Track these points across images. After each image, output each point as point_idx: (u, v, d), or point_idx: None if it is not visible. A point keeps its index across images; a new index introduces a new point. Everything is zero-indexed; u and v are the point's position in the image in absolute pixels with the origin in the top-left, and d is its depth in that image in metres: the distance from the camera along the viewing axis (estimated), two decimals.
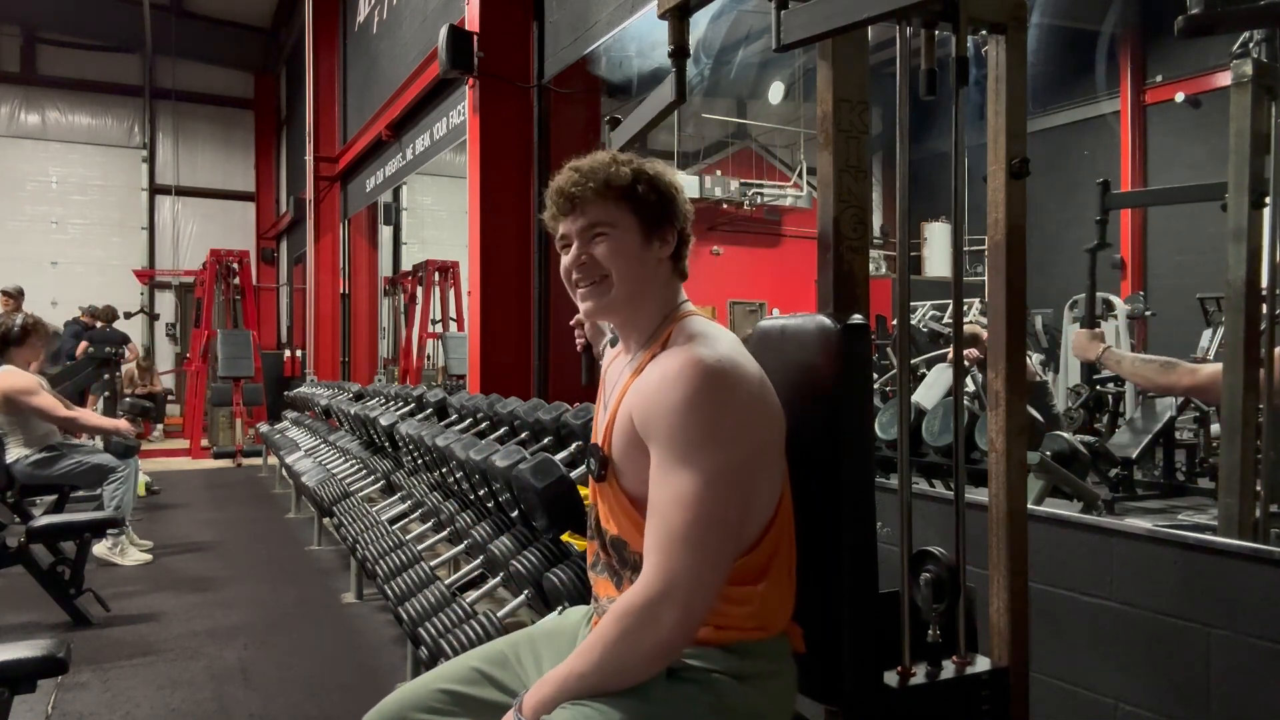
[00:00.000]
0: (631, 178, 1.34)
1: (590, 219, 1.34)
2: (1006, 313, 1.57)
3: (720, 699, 1.25)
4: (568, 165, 1.38)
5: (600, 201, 1.34)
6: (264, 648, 3.51)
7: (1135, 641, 1.97)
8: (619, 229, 1.34)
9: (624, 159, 1.37)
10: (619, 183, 1.33)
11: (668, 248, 1.38)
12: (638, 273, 1.35)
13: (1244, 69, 2.25)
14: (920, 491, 2.57)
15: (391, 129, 7.66)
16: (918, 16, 1.44)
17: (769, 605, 1.30)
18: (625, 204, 1.34)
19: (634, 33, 4.31)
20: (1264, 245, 2.28)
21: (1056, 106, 10.85)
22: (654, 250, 1.36)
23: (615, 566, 1.37)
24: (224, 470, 9.06)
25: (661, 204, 1.36)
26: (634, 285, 1.35)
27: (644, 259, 1.35)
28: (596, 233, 1.34)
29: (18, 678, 1.86)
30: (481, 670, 1.41)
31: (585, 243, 1.35)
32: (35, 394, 4.60)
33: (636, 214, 1.35)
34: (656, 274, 1.37)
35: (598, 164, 1.35)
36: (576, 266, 1.36)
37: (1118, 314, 6.79)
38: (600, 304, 1.36)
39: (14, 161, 13.27)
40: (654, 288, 1.37)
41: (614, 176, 1.34)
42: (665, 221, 1.37)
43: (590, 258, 1.34)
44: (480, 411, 3.45)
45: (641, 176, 1.35)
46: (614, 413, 1.33)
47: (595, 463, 1.35)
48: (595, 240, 1.34)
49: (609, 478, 1.32)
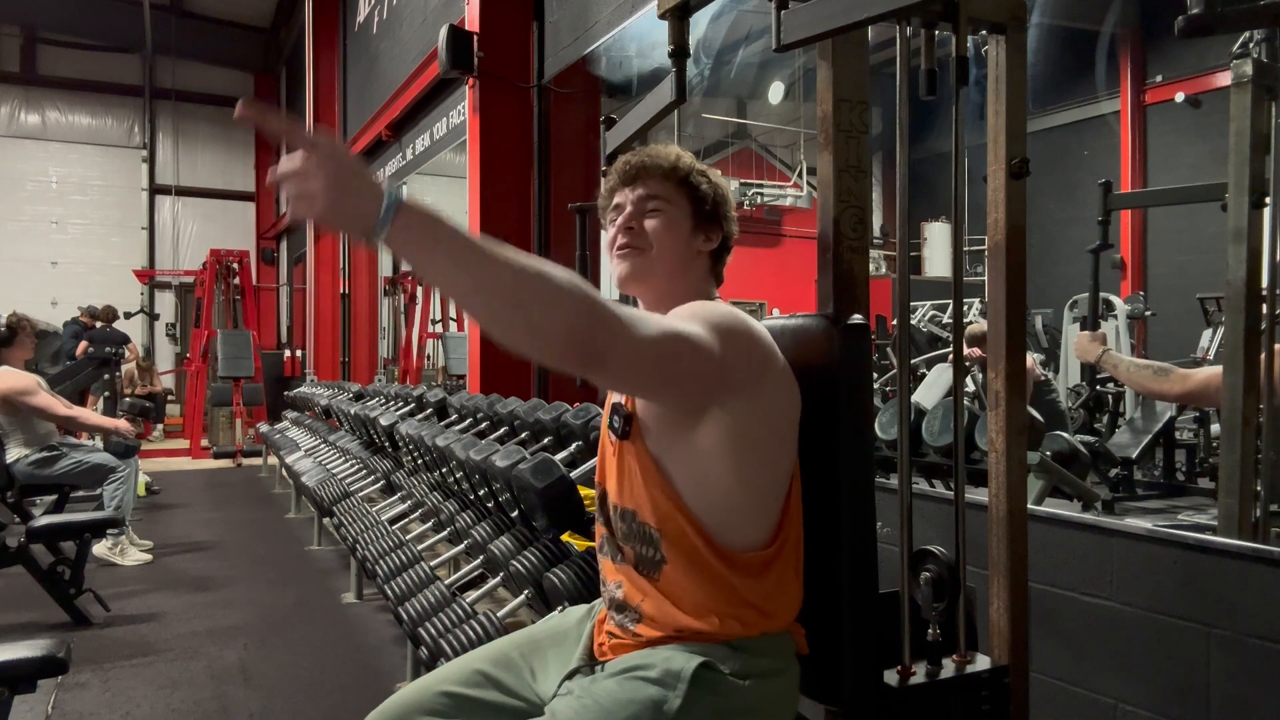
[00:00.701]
0: (693, 170, 1.44)
1: (649, 190, 1.41)
2: (1006, 313, 1.57)
3: (725, 698, 1.25)
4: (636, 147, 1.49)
5: (662, 179, 1.41)
6: (264, 648, 3.51)
7: (1135, 641, 1.97)
8: (673, 207, 1.41)
9: (688, 156, 1.46)
10: (683, 169, 1.42)
11: (711, 244, 1.44)
12: (680, 253, 1.41)
13: (1244, 69, 2.25)
14: (920, 491, 2.57)
15: (391, 129, 7.66)
16: (918, 16, 1.44)
17: (777, 598, 1.30)
18: (684, 189, 1.42)
19: (634, 33, 4.31)
20: (1264, 245, 2.28)
21: (1056, 106, 10.85)
22: (698, 240, 1.43)
23: (619, 541, 1.36)
24: (224, 470, 9.06)
25: (716, 201, 1.45)
26: (672, 263, 1.40)
27: (689, 243, 1.41)
28: (652, 206, 1.40)
29: (18, 678, 1.86)
30: (484, 672, 1.41)
31: (639, 212, 1.41)
32: (34, 393, 4.60)
33: (692, 201, 1.42)
34: (695, 263, 1.43)
35: (667, 150, 1.45)
36: (624, 231, 1.41)
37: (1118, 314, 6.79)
38: (636, 268, 1.40)
39: (14, 161, 13.27)
40: (690, 275, 1.42)
41: (680, 163, 1.43)
42: (715, 219, 1.45)
43: (639, 226, 1.40)
44: (480, 411, 3.45)
45: (704, 175, 1.45)
46: None
47: (620, 419, 1.33)
48: (649, 213, 1.40)
49: (633, 435, 1.31)
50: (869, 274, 1.54)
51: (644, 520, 1.31)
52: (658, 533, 1.29)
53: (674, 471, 1.28)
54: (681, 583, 1.28)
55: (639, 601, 1.32)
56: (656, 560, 1.30)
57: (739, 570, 1.27)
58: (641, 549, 1.32)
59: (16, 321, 4.79)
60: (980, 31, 1.54)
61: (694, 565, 1.28)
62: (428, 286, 10.18)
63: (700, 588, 1.28)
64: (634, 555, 1.34)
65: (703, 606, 1.27)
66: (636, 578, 1.33)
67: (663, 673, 1.24)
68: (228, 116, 14.64)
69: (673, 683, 1.23)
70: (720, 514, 1.28)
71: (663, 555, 1.29)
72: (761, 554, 1.29)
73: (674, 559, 1.28)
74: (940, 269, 12.17)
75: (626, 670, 1.28)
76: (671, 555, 1.28)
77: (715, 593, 1.27)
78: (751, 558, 1.28)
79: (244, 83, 14.74)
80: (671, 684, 1.23)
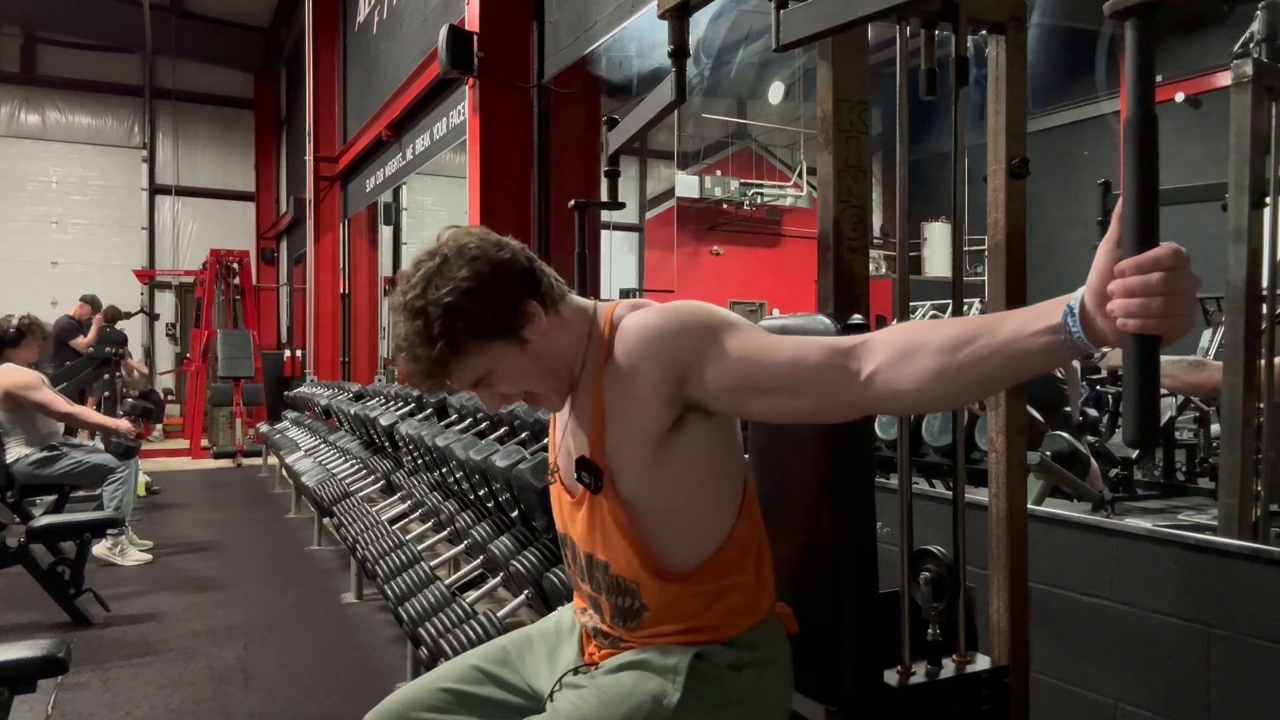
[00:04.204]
0: (445, 328, 1.17)
1: (463, 381, 1.23)
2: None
3: (723, 689, 1.25)
4: (396, 329, 1.23)
5: (452, 365, 1.20)
6: (264, 648, 3.51)
7: (1135, 641, 1.97)
8: (494, 364, 1.22)
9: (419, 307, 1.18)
10: (447, 346, 1.18)
11: (537, 320, 1.22)
12: (545, 366, 1.25)
13: (1244, 69, 2.25)
14: (920, 491, 2.57)
15: (391, 129, 7.66)
16: (917, 16, 1.44)
17: (753, 589, 1.30)
18: (471, 348, 1.20)
19: (634, 33, 4.31)
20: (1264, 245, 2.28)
21: (1056, 106, 10.85)
22: (531, 338, 1.22)
23: (593, 591, 1.33)
24: (224, 470, 9.06)
25: (495, 309, 1.20)
26: (553, 374, 1.26)
27: (535, 354, 1.24)
28: (481, 384, 1.25)
29: (18, 678, 1.86)
30: (482, 669, 1.41)
31: (484, 392, 1.27)
32: (36, 389, 4.62)
33: (489, 339, 1.20)
34: (552, 343, 1.25)
35: (414, 337, 1.19)
36: (502, 402, 1.29)
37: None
38: (550, 405, 1.31)
39: (14, 161, 13.25)
40: (559, 351, 1.26)
41: (442, 339, 1.17)
42: (511, 313, 1.21)
43: (500, 397, 1.28)
44: (480, 411, 3.45)
45: (459, 314, 1.17)
46: (598, 418, 1.25)
47: (590, 476, 1.25)
48: (488, 384, 1.25)
49: (606, 487, 1.25)
50: (869, 274, 1.55)
51: (619, 574, 1.28)
52: (634, 584, 1.27)
53: (646, 510, 1.24)
54: (664, 618, 1.28)
55: (622, 633, 1.32)
56: (636, 609, 1.28)
57: (714, 577, 1.27)
58: (619, 600, 1.29)
59: (28, 325, 4.83)
60: (980, 31, 1.54)
61: (674, 601, 1.27)
62: None
63: (683, 613, 1.27)
64: (611, 607, 1.31)
65: (689, 625, 1.28)
66: (614, 628, 1.32)
67: (660, 667, 1.25)
68: (228, 116, 14.74)
69: (671, 676, 1.24)
70: (693, 531, 1.26)
71: (642, 604, 1.28)
72: (730, 547, 1.28)
73: (654, 605, 1.27)
74: (940, 269, 12.16)
75: (624, 665, 1.29)
76: (651, 602, 1.27)
77: (698, 610, 1.27)
78: (724, 558, 1.27)
79: (244, 83, 14.74)
80: (670, 678, 1.24)
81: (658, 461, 1.22)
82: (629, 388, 1.21)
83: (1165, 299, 0.80)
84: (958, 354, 0.95)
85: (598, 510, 1.27)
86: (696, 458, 1.24)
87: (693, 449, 1.23)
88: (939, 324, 1.01)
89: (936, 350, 0.97)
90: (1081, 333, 0.87)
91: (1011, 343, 0.92)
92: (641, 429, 1.21)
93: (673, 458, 1.22)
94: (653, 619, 1.28)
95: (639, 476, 1.24)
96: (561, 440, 1.36)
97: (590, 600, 1.36)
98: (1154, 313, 0.81)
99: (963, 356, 0.95)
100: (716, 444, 1.26)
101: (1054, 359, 0.91)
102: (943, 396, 1.00)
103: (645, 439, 1.21)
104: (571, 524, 1.34)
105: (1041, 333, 0.90)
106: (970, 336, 0.95)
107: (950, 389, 0.98)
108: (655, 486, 1.24)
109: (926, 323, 1.03)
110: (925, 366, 0.98)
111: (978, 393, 0.98)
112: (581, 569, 1.35)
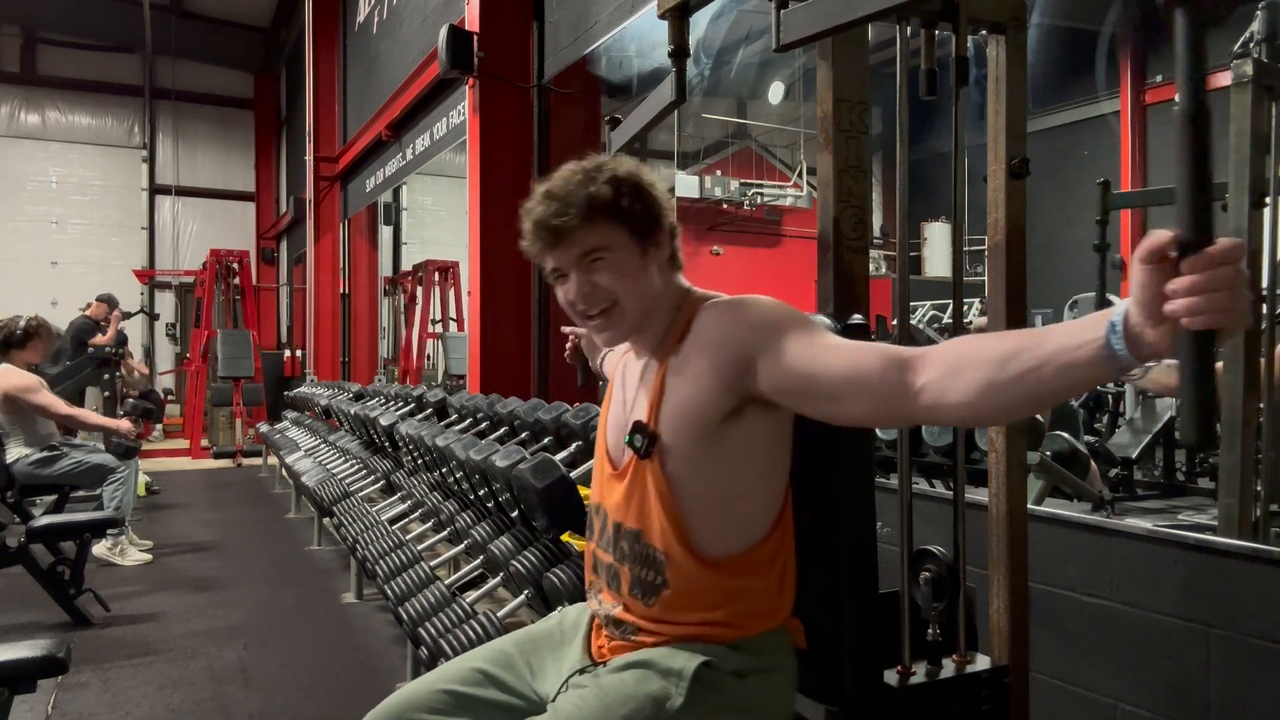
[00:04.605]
0: (613, 193, 1.27)
1: (583, 247, 1.27)
2: (1006, 313, 1.57)
3: (726, 695, 1.25)
4: (539, 191, 1.30)
5: (588, 226, 1.26)
6: (264, 648, 3.51)
7: (1135, 641, 1.97)
8: (615, 250, 1.27)
9: (594, 169, 1.29)
10: (602, 201, 1.26)
11: (663, 251, 1.32)
12: (644, 288, 1.30)
13: (1244, 69, 2.25)
14: (920, 491, 2.57)
15: (391, 129, 7.66)
16: (917, 16, 1.44)
17: (774, 596, 1.30)
18: (614, 221, 1.27)
19: (634, 33, 4.31)
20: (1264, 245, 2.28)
21: (1056, 106, 10.85)
22: (651, 259, 1.30)
23: (616, 561, 1.34)
24: (224, 470, 9.06)
25: (647, 210, 1.30)
26: (643, 302, 1.30)
27: (646, 271, 1.30)
28: (594, 259, 1.28)
29: (18, 678, 1.86)
30: (484, 670, 1.41)
31: (584, 271, 1.28)
32: (36, 391, 4.62)
33: (628, 228, 1.28)
34: (660, 281, 1.32)
35: (573, 185, 1.27)
36: (582, 298, 1.29)
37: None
38: (616, 330, 1.32)
39: (14, 161, 13.26)
40: (662, 295, 1.33)
41: (596, 196, 1.26)
42: (655, 226, 1.31)
43: (594, 286, 1.28)
44: (480, 411, 3.45)
45: (623, 187, 1.27)
46: (659, 389, 1.28)
47: (643, 439, 1.27)
48: (593, 267, 1.28)
49: (655, 455, 1.27)
50: (869, 274, 1.55)
51: (649, 542, 1.29)
52: (663, 555, 1.28)
53: (689, 489, 1.26)
54: (682, 602, 1.28)
55: (634, 620, 1.32)
56: (657, 584, 1.29)
57: (740, 573, 1.28)
58: (642, 571, 1.30)
59: (35, 326, 4.80)
60: (980, 31, 1.54)
61: (697, 585, 1.27)
62: (428, 285, 10.20)
63: (701, 602, 1.28)
64: (632, 577, 1.31)
65: (703, 618, 1.28)
66: (632, 602, 1.32)
67: (665, 670, 1.25)
68: (228, 116, 14.74)
69: (675, 680, 1.24)
70: (730, 521, 1.28)
71: (665, 579, 1.28)
72: (762, 548, 1.29)
73: (676, 582, 1.28)
74: (940, 269, 12.16)
75: (628, 666, 1.28)
76: (675, 579, 1.28)
77: (717, 602, 1.28)
78: (754, 557, 1.28)
79: (244, 83, 14.74)
80: (674, 681, 1.24)
81: (707, 446, 1.25)
82: (693, 367, 1.25)
83: (1233, 293, 0.81)
84: (1006, 367, 0.96)
85: (640, 478, 1.29)
86: (744, 454, 1.26)
87: (743, 443, 1.25)
88: (990, 337, 1.02)
89: (985, 362, 0.98)
90: (1125, 348, 0.87)
91: (1058, 354, 0.93)
92: (697, 408, 1.24)
93: (722, 447, 1.25)
94: (671, 599, 1.28)
95: (685, 455, 1.26)
96: (615, 412, 1.40)
97: (608, 574, 1.36)
98: (1223, 306, 0.81)
99: (1011, 369, 0.96)
100: (768, 444, 1.27)
101: (1099, 372, 0.91)
102: (990, 410, 1.00)
103: (698, 419, 1.24)
104: (608, 494, 1.36)
105: (1086, 345, 0.90)
106: (1018, 350, 0.96)
107: (999, 402, 0.98)
108: (698, 471, 1.26)
109: (979, 337, 1.04)
110: (975, 378, 0.99)
111: (1025, 406, 0.98)
112: (607, 539, 1.36)
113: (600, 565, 1.39)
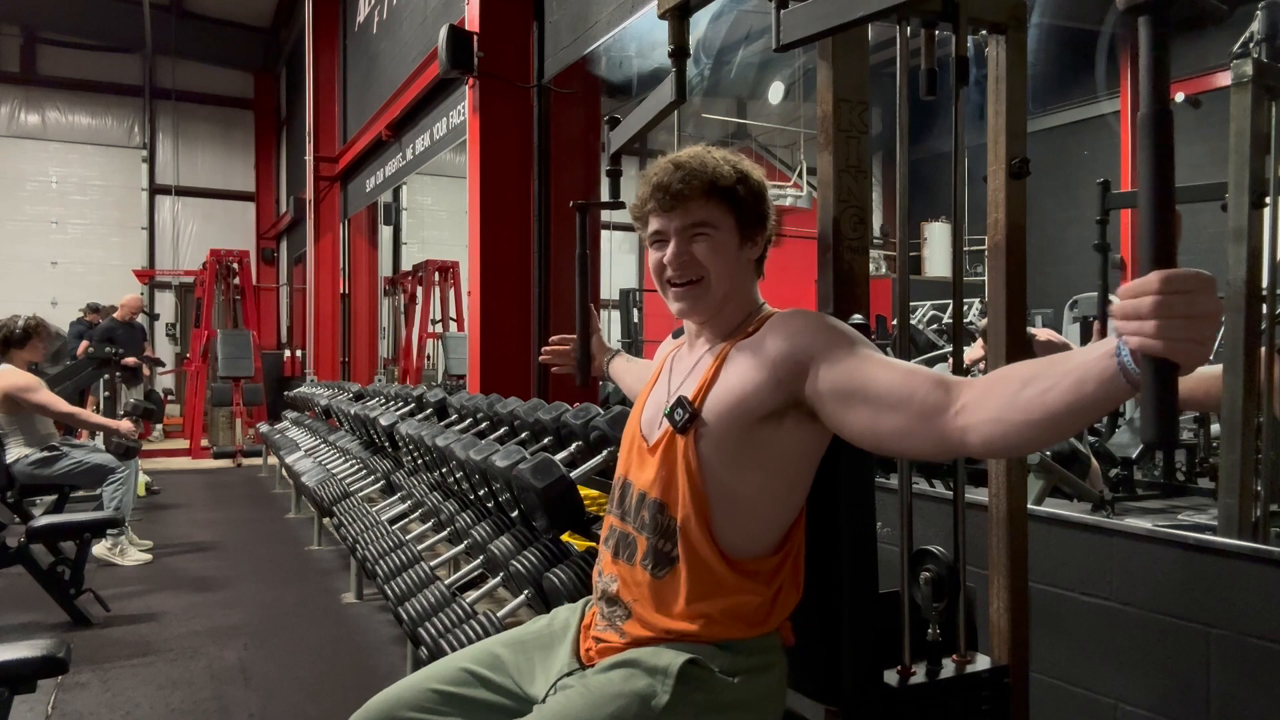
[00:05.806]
0: (734, 178, 1.34)
1: (693, 218, 1.34)
2: (1006, 313, 1.57)
3: (713, 693, 1.26)
4: (665, 159, 1.37)
5: (703, 200, 1.33)
6: (264, 648, 3.51)
7: (1135, 641, 1.97)
8: (720, 229, 1.34)
9: (725, 156, 1.37)
10: (724, 183, 1.33)
11: (757, 250, 1.39)
12: (733, 273, 1.36)
13: (1244, 69, 2.25)
14: (920, 491, 2.57)
15: (391, 129, 7.65)
16: (917, 16, 1.44)
17: (765, 610, 1.31)
18: (726, 204, 1.34)
19: (634, 33, 4.31)
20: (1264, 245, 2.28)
21: (1056, 106, 10.85)
22: (747, 251, 1.38)
23: (635, 529, 1.35)
24: (224, 470, 9.06)
25: (757, 206, 1.37)
26: (729, 286, 1.36)
27: (739, 259, 1.36)
28: (698, 232, 1.34)
29: (18, 678, 1.86)
30: (472, 671, 1.41)
31: (685, 240, 1.34)
32: (36, 391, 4.62)
33: (736, 215, 1.35)
34: (746, 275, 1.39)
35: (700, 161, 1.35)
36: (675, 264, 1.35)
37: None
38: (695, 304, 1.36)
39: (14, 161, 13.25)
40: (743, 289, 1.39)
41: (719, 176, 1.33)
42: (759, 224, 1.38)
43: (690, 256, 1.34)
44: (480, 411, 3.44)
45: (745, 180, 1.36)
46: (711, 375, 1.32)
47: (683, 413, 1.31)
48: (695, 239, 1.34)
49: (691, 432, 1.30)
50: (869, 274, 1.55)
51: (672, 514, 1.31)
52: (680, 529, 1.30)
53: (716, 477, 1.28)
54: (683, 585, 1.29)
55: (631, 599, 1.33)
56: (671, 556, 1.30)
57: (746, 578, 1.29)
58: (659, 542, 1.32)
59: (35, 326, 4.81)
60: (980, 31, 1.54)
61: (703, 568, 1.28)
62: (428, 285, 10.21)
63: (700, 589, 1.28)
64: (648, 546, 1.33)
65: (697, 610, 1.28)
66: (638, 573, 1.33)
67: (650, 668, 1.25)
68: (228, 116, 14.74)
69: (661, 677, 1.24)
70: (745, 523, 1.29)
71: (678, 554, 1.30)
72: (771, 560, 1.31)
73: (686, 560, 1.29)
74: (940, 269, 12.15)
75: (615, 665, 1.29)
76: (686, 556, 1.29)
77: (716, 599, 1.28)
78: (761, 565, 1.30)
79: (244, 83, 14.74)
80: (660, 679, 1.24)
81: (742, 440, 1.27)
82: (751, 360, 1.28)
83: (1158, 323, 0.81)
84: (1030, 385, 0.98)
85: (673, 453, 1.31)
86: (774, 460, 1.28)
87: (776, 449, 1.27)
88: (1021, 363, 1.04)
89: (1013, 380, 1.01)
90: (1131, 359, 0.88)
91: (1075, 370, 0.94)
92: (744, 397, 1.27)
93: (755, 445, 1.27)
94: (675, 577, 1.29)
95: (719, 441, 1.28)
96: (656, 395, 1.42)
97: (622, 542, 1.37)
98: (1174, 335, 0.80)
99: (1035, 387, 0.98)
100: (798, 457, 1.29)
101: (1111, 388, 0.91)
102: (1017, 427, 1.01)
103: (742, 408, 1.27)
104: (638, 468, 1.38)
105: (1100, 358, 0.91)
106: (1042, 369, 0.98)
107: (1026, 419, 0.99)
108: (727, 461, 1.28)
109: (1015, 364, 1.06)
110: (1004, 395, 1.01)
111: (1051, 424, 0.98)
112: (629, 509, 1.37)
113: (615, 533, 1.40)
